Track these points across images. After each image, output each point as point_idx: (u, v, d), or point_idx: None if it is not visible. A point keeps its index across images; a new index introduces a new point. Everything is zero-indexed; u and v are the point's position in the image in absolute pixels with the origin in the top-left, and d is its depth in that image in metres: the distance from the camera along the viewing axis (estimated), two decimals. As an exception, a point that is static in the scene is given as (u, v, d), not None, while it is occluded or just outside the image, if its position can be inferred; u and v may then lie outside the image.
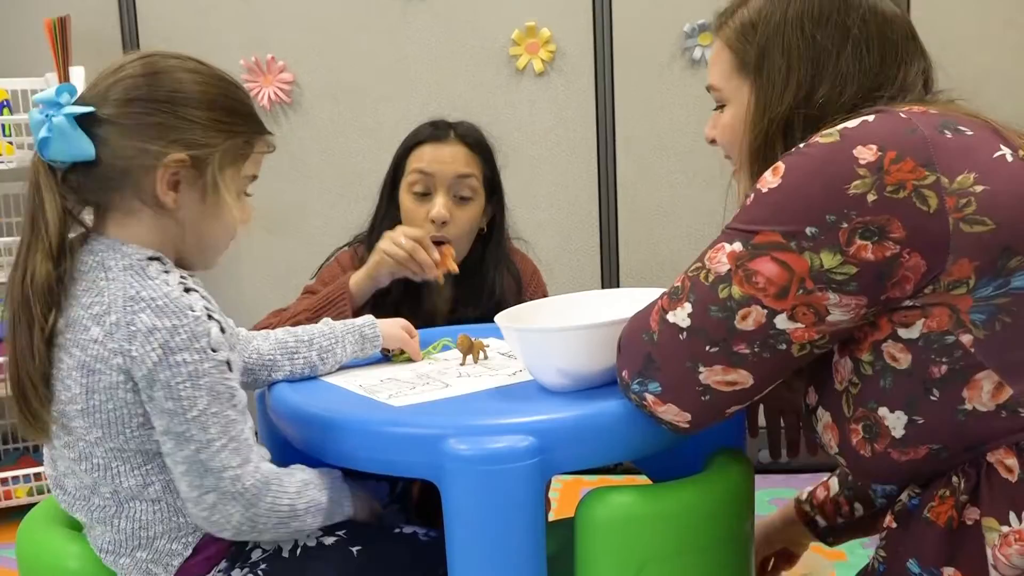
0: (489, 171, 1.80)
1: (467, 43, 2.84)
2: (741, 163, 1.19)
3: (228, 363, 1.08)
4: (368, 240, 1.80)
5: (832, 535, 1.50)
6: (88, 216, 1.15)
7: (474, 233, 1.80)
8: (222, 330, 1.08)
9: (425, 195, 1.75)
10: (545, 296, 1.85)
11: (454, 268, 1.67)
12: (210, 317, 1.07)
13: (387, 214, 1.81)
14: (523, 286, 1.86)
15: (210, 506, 1.07)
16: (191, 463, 1.06)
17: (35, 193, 1.10)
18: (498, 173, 1.82)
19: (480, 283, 1.80)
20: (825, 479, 1.52)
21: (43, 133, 1.07)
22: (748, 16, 1.14)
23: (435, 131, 1.78)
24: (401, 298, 1.73)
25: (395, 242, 1.63)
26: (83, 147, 1.08)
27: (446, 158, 1.75)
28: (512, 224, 1.89)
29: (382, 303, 1.69)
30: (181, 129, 1.10)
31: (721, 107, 1.21)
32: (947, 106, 1.06)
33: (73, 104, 1.08)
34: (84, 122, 1.08)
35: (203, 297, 1.09)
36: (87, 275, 1.10)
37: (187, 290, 1.08)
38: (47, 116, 1.07)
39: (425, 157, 1.75)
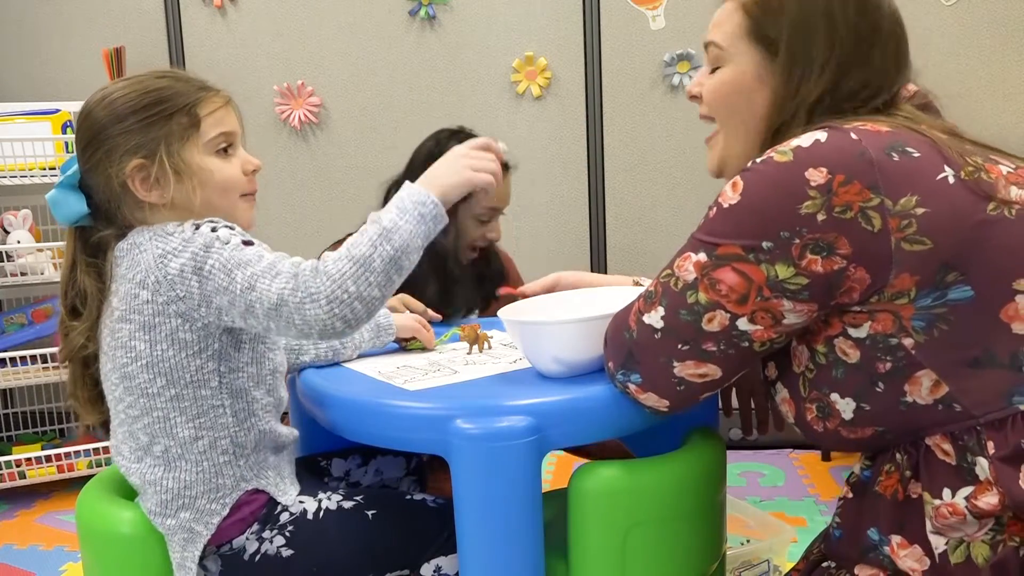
0: None
1: (473, 70, 2.84)
2: (743, 132, 1.10)
3: (244, 241, 1.06)
4: None
5: None
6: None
7: None
8: (229, 227, 1.07)
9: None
10: (521, 284, 1.90)
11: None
12: (214, 230, 1.07)
13: None
14: (509, 272, 1.93)
15: (298, 307, 1.00)
16: (266, 314, 1.02)
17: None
18: None
19: (495, 264, 1.89)
20: None
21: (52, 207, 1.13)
22: None
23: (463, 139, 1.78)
24: (435, 298, 1.70)
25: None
26: (75, 206, 1.12)
27: None
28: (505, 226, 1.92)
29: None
30: (122, 144, 1.10)
31: (714, 68, 1.12)
32: (899, 121, 1.00)
33: (68, 174, 1.13)
34: (82, 184, 1.13)
35: (211, 221, 1.08)
36: (125, 257, 1.11)
37: (197, 227, 1.08)
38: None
39: None
